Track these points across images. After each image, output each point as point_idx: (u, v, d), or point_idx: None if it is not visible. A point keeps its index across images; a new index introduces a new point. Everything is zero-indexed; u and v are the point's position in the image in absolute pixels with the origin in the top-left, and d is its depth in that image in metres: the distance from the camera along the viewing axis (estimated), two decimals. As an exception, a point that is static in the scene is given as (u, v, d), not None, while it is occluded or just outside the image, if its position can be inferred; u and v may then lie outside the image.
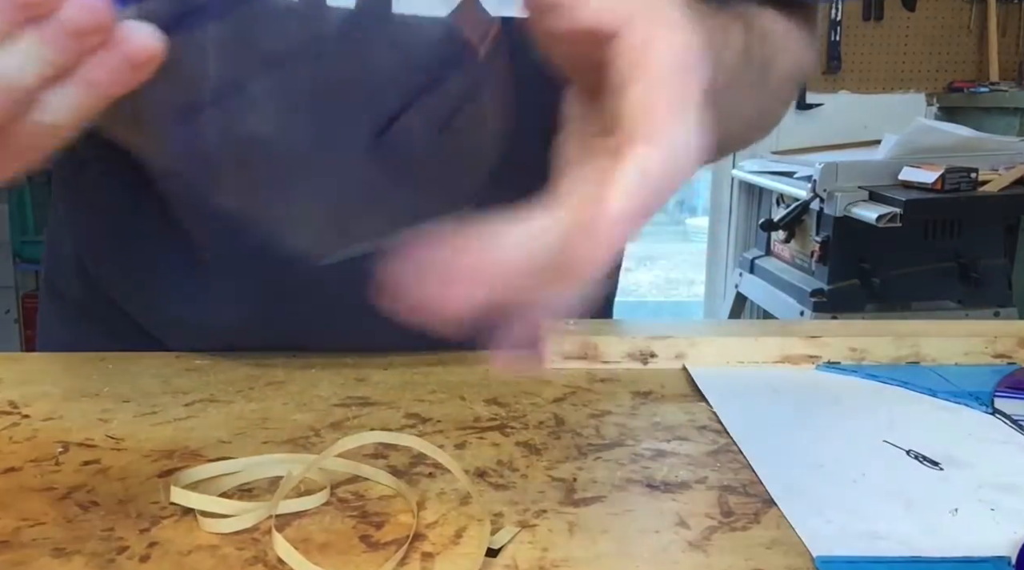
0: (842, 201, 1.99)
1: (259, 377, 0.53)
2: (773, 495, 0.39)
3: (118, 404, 0.49)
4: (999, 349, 0.57)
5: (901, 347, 0.57)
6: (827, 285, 2.07)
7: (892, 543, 0.35)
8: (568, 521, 0.37)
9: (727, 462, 0.43)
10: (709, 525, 0.37)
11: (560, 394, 0.51)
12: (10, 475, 0.41)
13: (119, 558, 0.34)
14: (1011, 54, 3.02)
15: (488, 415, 0.48)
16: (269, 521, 0.36)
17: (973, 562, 0.34)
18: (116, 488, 0.39)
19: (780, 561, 0.34)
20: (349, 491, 0.39)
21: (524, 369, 0.31)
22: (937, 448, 0.44)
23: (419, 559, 0.34)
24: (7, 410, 0.48)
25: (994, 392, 0.51)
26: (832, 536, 0.36)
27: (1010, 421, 0.48)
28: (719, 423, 0.47)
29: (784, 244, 2.29)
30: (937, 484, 0.41)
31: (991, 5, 2.98)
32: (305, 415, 0.48)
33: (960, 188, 1.98)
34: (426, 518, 0.37)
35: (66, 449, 0.43)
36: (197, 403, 0.49)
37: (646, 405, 0.50)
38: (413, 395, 0.51)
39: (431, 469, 0.41)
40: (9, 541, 0.35)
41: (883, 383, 0.53)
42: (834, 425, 0.47)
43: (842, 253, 2.06)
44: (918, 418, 0.48)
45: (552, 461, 0.43)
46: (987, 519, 0.37)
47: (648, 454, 0.43)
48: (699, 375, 0.53)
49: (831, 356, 0.56)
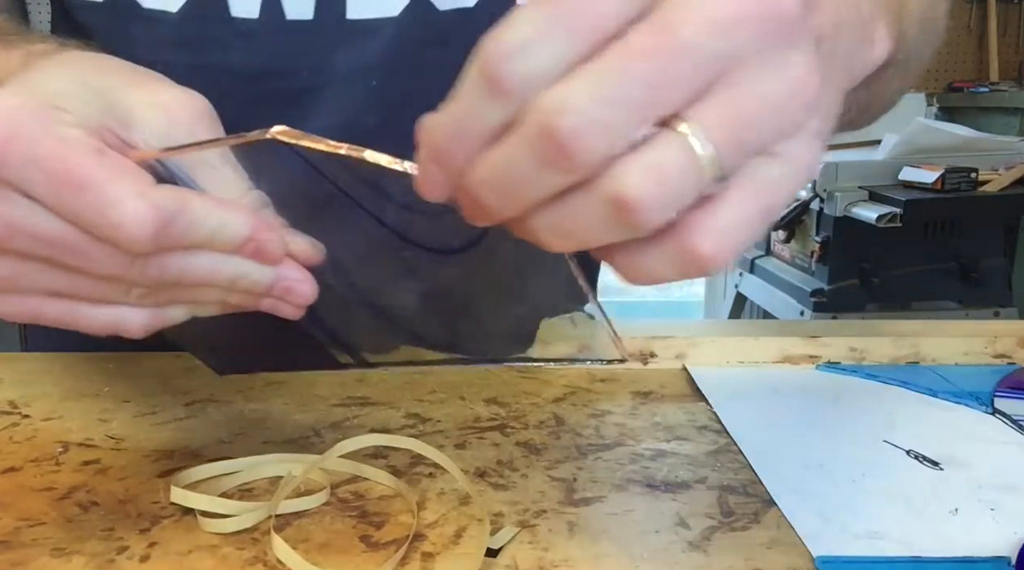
0: (842, 201, 1.98)
1: (259, 377, 0.53)
2: (773, 495, 0.39)
3: (118, 404, 0.49)
4: (999, 349, 0.57)
5: (901, 347, 0.57)
6: (827, 285, 2.07)
7: (892, 543, 0.35)
8: (568, 521, 0.37)
9: (727, 462, 0.43)
10: (709, 525, 0.37)
11: (560, 394, 0.51)
12: (10, 475, 0.41)
13: (119, 558, 0.34)
14: (1011, 54, 3.01)
15: (488, 415, 0.48)
16: (269, 521, 0.36)
17: (973, 562, 0.34)
18: (116, 488, 0.39)
19: (780, 561, 0.34)
20: (349, 491, 0.39)
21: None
22: (937, 448, 0.44)
23: (419, 559, 0.34)
24: (7, 410, 0.48)
25: (994, 392, 0.51)
26: (832, 536, 0.36)
27: (1010, 421, 0.48)
28: (719, 423, 0.47)
29: (784, 244, 2.29)
30: (937, 484, 0.41)
31: (991, 5, 2.98)
32: (305, 415, 0.48)
33: (960, 188, 1.98)
34: (426, 518, 0.37)
35: (66, 449, 0.43)
36: (197, 403, 0.49)
37: (646, 405, 0.50)
38: (413, 395, 0.51)
39: (431, 469, 0.41)
40: (9, 541, 0.35)
41: (883, 383, 0.53)
42: (834, 425, 0.47)
43: (842, 253, 2.06)
44: (918, 418, 0.48)
45: (552, 461, 0.43)
46: (987, 519, 0.37)
47: (648, 454, 0.43)
48: (699, 375, 0.53)
49: (831, 356, 0.56)
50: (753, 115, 0.23)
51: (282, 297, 0.34)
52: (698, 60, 0.22)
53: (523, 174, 0.23)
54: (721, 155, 0.23)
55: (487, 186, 0.24)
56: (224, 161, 0.35)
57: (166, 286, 0.32)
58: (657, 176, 0.23)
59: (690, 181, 0.23)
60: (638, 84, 0.22)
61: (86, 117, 0.30)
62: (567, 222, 0.24)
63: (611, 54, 0.22)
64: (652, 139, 0.23)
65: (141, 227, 0.28)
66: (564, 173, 0.23)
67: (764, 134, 0.24)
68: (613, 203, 0.23)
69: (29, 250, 0.30)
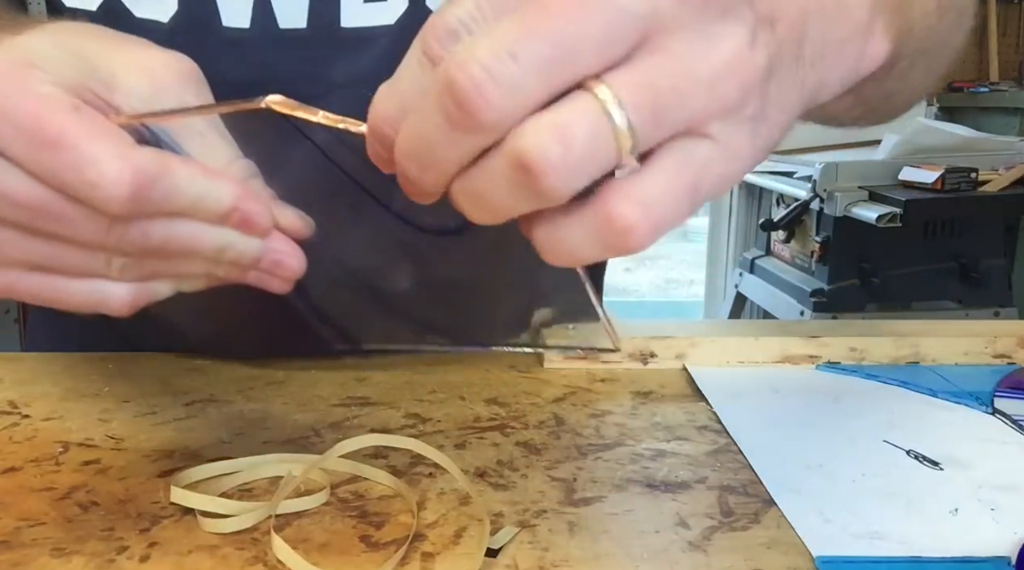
0: (842, 201, 1.98)
1: (259, 377, 0.53)
2: (773, 495, 0.39)
3: (118, 404, 0.49)
4: (999, 349, 0.57)
5: (901, 347, 0.57)
6: (827, 285, 2.07)
7: (892, 543, 0.35)
8: (568, 521, 0.37)
9: (727, 462, 0.43)
10: (709, 525, 0.37)
11: (560, 394, 0.51)
12: (10, 475, 0.41)
13: (119, 558, 0.34)
14: (1011, 54, 3.01)
15: (488, 415, 0.48)
16: (269, 521, 0.36)
17: (973, 562, 0.34)
18: (116, 488, 0.39)
19: (780, 561, 0.34)
20: (349, 491, 0.39)
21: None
22: (937, 448, 0.44)
23: (419, 559, 0.34)
24: (7, 410, 0.48)
25: (994, 392, 0.51)
26: (832, 536, 0.36)
27: (1010, 421, 0.48)
28: (719, 423, 0.47)
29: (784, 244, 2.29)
30: (937, 484, 0.41)
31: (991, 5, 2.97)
32: (305, 415, 0.48)
33: (960, 188, 1.98)
34: (426, 518, 0.37)
35: (66, 449, 0.43)
36: (197, 403, 0.49)
37: (646, 405, 0.50)
38: (413, 395, 0.51)
39: (431, 469, 0.41)
40: (9, 541, 0.35)
41: (883, 383, 0.53)
42: (834, 425, 0.47)
43: (842, 253, 2.06)
44: (918, 418, 0.48)
45: (552, 461, 0.43)
46: (987, 519, 0.37)
47: (648, 454, 0.43)
48: (699, 375, 0.53)
49: (831, 356, 0.56)
50: (677, 86, 0.22)
51: (270, 270, 0.33)
52: (616, 19, 0.21)
53: (434, 137, 0.23)
54: (636, 123, 0.22)
55: (406, 155, 0.24)
56: (211, 127, 0.34)
57: (148, 256, 0.31)
58: (561, 136, 0.22)
59: (600, 146, 0.22)
60: (547, 41, 0.21)
61: (62, 76, 0.30)
62: (479, 187, 0.23)
63: (525, 8, 0.21)
64: (562, 100, 0.22)
65: (117, 187, 0.28)
66: (469, 132, 0.22)
67: (688, 109, 0.22)
68: (516, 164, 0.22)
69: (5, 215, 0.29)
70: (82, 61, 0.31)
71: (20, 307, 2.76)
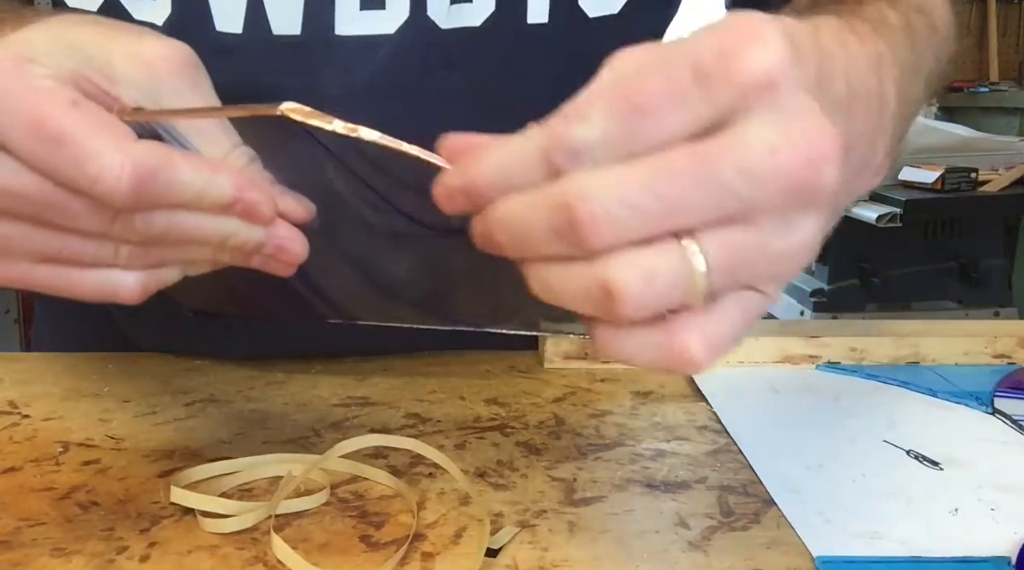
0: (842, 201, 1.98)
1: (259, 377, 0.53)
2: (773, 495, 0.39)
3: (118, 404, 0.49)
4: (999, 349, 0.57)
5: (901, 347, 0.57)
6: (827, 285, 2.07)
7: (892, 543, 0.35)
8: (568, 521, 0.37)
9: (727, 462, 0.43)
10: (709, 525, 0.37)
11: (560, 394, 0.51)
12: (10, 475, 0.41)
13: (119, 558, 0.34)
14: (1011, 54, 3.01)
15: (488, 415, 0.48)
16: (269, 521, 0.36)
17: (973, 562, 0.34)
18: (116, 488, 0.39)
19: (780, 561, 0.34)
20: (349, 491, 0.39)
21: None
22: (937, 448, 0.44)
23: (419, 559, 0.34)
24: (7, 410, 0.48)
25: (994, 392, 0.51)
26: (832, 536, 0.36)
27: (1010, 421, 0.48)
28: (719, 423, 0.47)
29: (784, 244, 2.29)
30: (937, 484, 0.41)
31: (991, 5, 2.98)
32: (305, 415, 0.48)
33: (960, 188, 1.99)
34: (426, 518, 0.37)
35: (66, 449, 0.43)
36: (197, 403, 0.49)
37: (646, 405, 0.50)
38: (413, 395, 0.51)
39: (431, 469, 0.41)
40: (9, 541, 0.35)
41: (883, 383, 0.53)
42: (834, 425, 0.47)
43: (842, 253, 2.06)
44: (918, 418, 0.48)
45: (552, 461, 0.43)
46: (987, 519, 0.37)
47: (648, 454, 0.43)
48: (699, 375, 0.53)
49: (831, 356, 0.56)
50: (754, 257, 0.25)
51: (273, 255, 0.33)
52: (723, 197, 0.24)
53: (534, 230, 0.25)
54: (714, 278, 0.25)
55: (499, 224, 0.26)
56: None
57: (154, 245, 0.31)
58: (648, 276, 0.24)
59: (677, 289, 0.25)
60: (660, 199, 0.24)
61: (61, 68, 0.30)
62: (557, 283, 0.26)
63: (650, 162, 0.24)
64: (656, 243, 0.25)
65: (118, 181, 0.28)
66: (569, 246, 0.25)
67: (757, 274, 0.26)
68: (601, 286, 0.25)
69: (10, 209, 0.29)
70: (79, 52, 0.31)
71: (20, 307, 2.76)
